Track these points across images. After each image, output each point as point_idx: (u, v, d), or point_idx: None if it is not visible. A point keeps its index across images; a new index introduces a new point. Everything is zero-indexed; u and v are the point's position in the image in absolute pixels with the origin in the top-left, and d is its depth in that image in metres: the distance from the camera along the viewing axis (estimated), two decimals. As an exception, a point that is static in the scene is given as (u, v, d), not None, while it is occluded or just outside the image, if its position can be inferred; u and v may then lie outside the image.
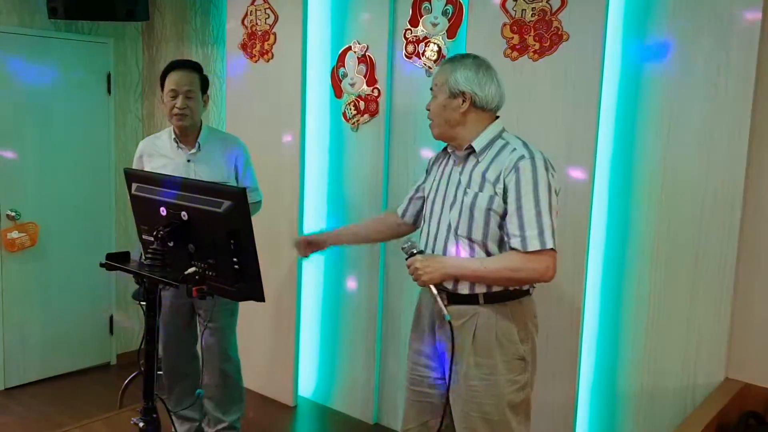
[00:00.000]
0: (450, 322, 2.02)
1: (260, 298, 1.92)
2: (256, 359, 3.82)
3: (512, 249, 1.98)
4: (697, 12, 2.51)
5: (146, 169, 2.82)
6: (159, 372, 3.85)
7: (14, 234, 4.00)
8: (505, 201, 1.98)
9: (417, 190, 2.39)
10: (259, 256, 1.91)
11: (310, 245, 2.51)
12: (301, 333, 3.73)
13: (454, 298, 2.07)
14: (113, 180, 4.43)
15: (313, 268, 3.72)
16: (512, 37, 2.84)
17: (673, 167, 2.60)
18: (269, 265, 3.09)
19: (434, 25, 3.14)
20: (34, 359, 4.18)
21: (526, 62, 2.81)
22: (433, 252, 2.12)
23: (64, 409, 3.83)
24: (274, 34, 3.62)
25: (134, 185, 2.13)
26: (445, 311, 2.01)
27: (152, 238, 1.93)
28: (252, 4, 3.70)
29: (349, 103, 3.45)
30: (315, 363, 3.77)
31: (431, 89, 2.14)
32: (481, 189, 2.02)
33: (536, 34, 2.78)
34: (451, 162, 2.17)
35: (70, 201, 4.26)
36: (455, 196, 2.09)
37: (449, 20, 3.09)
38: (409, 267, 2.06)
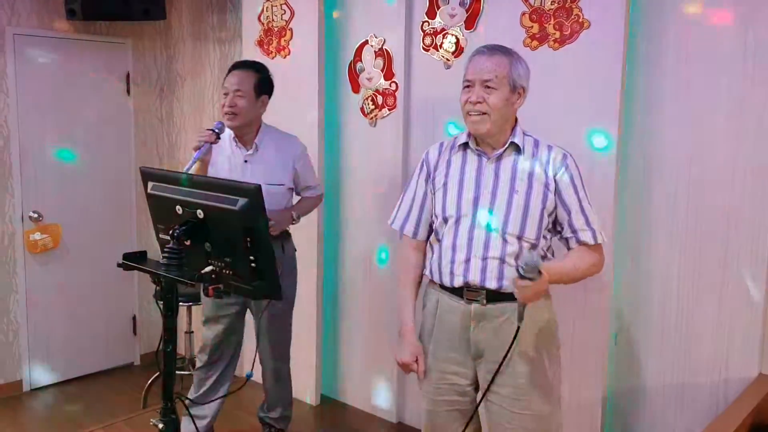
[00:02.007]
0: (518, 328, 1.93)
1: (278, 296, 1.90)
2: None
3: (581, 243, 2.02)
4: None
5: (210, 165, 2.81)
6: (180, 372, 3.89)
7: (37, 235, 4.02)
8: (558, 198, 2.01)
9: (423, 203, 2.18)
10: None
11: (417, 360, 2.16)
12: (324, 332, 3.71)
13: (493, 297, 2.02)
14: (133, 180, 4.44)
15: (334, 265, 3.69)
16: (531, 26, 2.78)
17: (700, 153, 2.53)
18: (289, 263, 3.07)
19: (452, 16, 3.08)
20: (58, 360, 4.21)
21: (546, 51, 2.74)
22: (468, 258, 2.03)
23: (88, 410, 3.85)
24: (291, 29, 3.60)
25: (150, 184, 2.10)
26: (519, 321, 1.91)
27: (169, 237, 1.91)
28: (268, 0, 3.68)
29: (367, 98, 3.41)
30: (339, 362, 3.75)
31: (486, 82, 1.97)
32: (530, 187, 2.00)
33: (556, 22, 2.71)
34: (474, 159, 2.08)
35: (91, 202, 4.28)
36: (494, 195, 2.02)
37: (467, 10, 3.03)
38: (526, 286, 1.83)
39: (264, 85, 2.87)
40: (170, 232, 1.88)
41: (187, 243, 1.91)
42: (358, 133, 3.50)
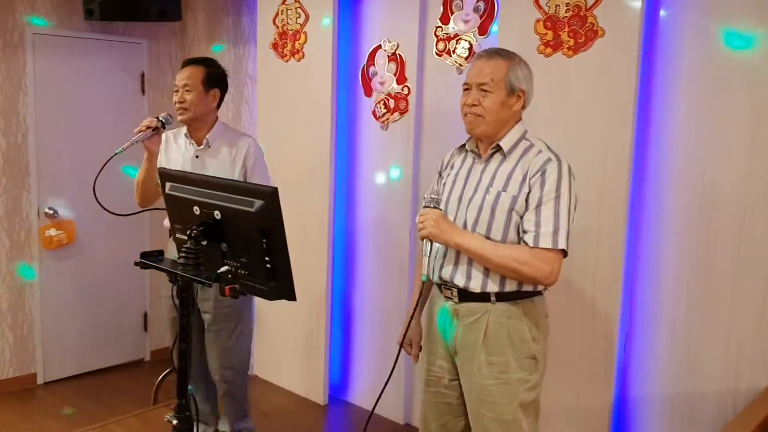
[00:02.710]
0: (427, 280, 2.08)
1: (292, 297, 1.92)
2: (287, 358, 3.84)
3: (524, 243, 1.99)
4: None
5: (162, 156, 2.89)
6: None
7: (52, 231, 4.07)
8: (527, 202, 1.99)
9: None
10: (291, 255, 1.91)
11: (411, 344, 2.36)
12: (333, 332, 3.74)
13: (464, 295, 2.07)
14: (147, 179, 4.48)
15: (343, 266, 3.72)
16: (545, 34, 2.80)
17: (714, 161, 2.53)
18: (301, 264, 3.10)
19: (465, 22, 3.11)
20: (71, 354, 4.26)
21: (560, 59, 2.76)
22: (445, 251, 2.10)
23: (100, 404, 3.89)
24: (305, 33, 3.63)
25: (168, 184, 2.14)
26: (425, 270, 2.04)
27: (186, 237, 1.94)
28: (283, 3, 3.71)
29: (379, 102, 3.44)
30: (346, 362, 3.78)
31: (481, 85, 2.02)
32: (504, 188, 2.02)
33: (570, 30, 2.73)
34: (469, 160, 2.15)
35: (105, 199, 4.31)
36: (474, 194, 2.07)
37: (481, 17, 3.06)
38: (422, 215, 2.05)
39: (213, 79, 2.86)
40: (187, 232, 1.92)
41: (204, 243, 1.94)
42: (369, 137, 3.53)
